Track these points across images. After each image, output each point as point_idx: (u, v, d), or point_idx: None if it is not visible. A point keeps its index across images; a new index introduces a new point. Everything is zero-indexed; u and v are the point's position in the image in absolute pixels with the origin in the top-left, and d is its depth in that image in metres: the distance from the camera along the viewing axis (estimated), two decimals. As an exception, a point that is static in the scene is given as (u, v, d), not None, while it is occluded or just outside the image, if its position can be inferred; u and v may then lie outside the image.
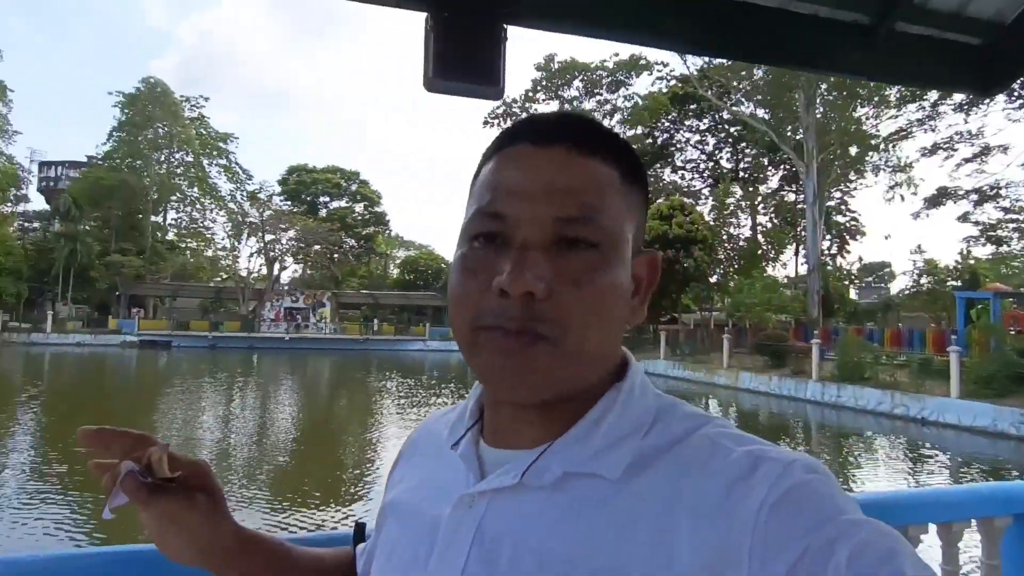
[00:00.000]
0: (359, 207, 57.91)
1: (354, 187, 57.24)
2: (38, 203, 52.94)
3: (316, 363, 33.29)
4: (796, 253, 39.33)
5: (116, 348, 37.20)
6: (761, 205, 39.26)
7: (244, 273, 49.74)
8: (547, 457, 0.49)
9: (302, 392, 22.94)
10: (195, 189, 52.59)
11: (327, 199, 56.72)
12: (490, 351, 0.48)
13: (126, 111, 49.78)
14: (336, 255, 51.41)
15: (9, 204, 50.10)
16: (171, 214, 54.26)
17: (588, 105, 42.30)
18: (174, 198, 52.76)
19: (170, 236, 53.15)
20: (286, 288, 47.27)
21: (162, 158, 51.38)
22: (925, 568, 0.38)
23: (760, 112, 34.32)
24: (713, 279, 32.97)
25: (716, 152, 44.96)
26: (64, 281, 43.29)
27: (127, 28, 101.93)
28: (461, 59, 2.06)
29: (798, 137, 31.30)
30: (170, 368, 29.13)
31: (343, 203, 57.15)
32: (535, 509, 0.48)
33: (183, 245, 53.75)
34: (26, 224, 50.43)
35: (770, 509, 0.41)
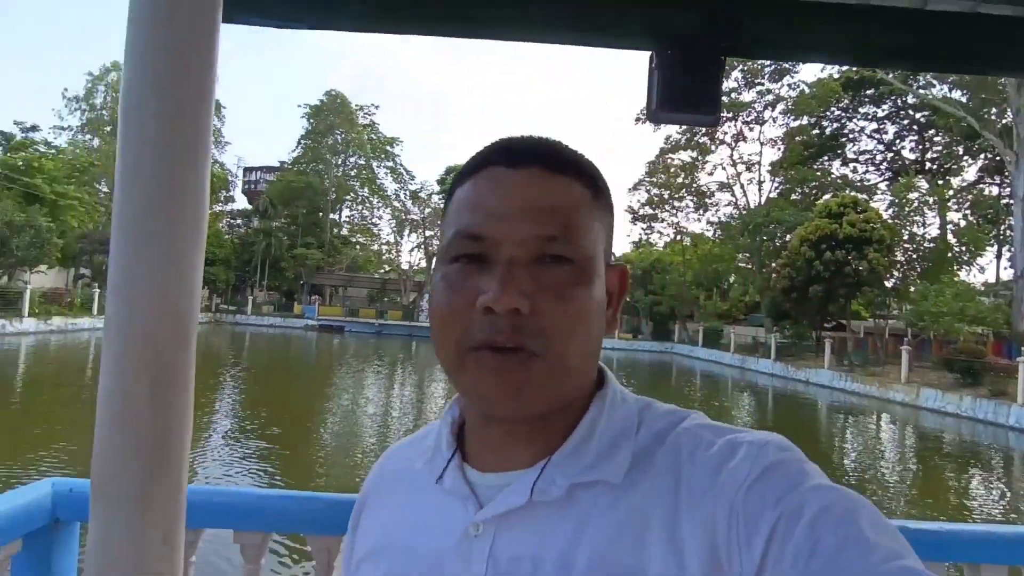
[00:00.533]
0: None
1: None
2: (241, 203, 61.56)
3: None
4: (998, 256, 34.20)
5: (300, 330, 42.39)
6: (953, 201, 34.59)
7: (406, 266, 53.99)
8: (549, 472, 0.51)
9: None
10: (365, 189, 58.01)
11: (481, 196, 59.56)
12: (481, 369, 0.49)
13: (311, 121, 56.40)
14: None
15: (219, 204, 59.09)
16: (345, 212, 60.36)
17: (747, 96, 40.07)
18: (348, 198, 58.63)
19: (344, 232, 59.13)
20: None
21: (339, 162, 57.33)
22: (884, 526, 0.42)
23: (956, 94, 30.27)
24: (890, 283, 29.73)
25: (896, 141, 40.37)
26: (261, 271, 50.21)
27: (316, 46, 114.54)
28: (684, 92, 2.38)
29: (1004, 122, 27.18)
30: (343, 349, 32.53)
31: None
32: (549, 525, 0.49)
33: (354, 240, 59.49)
34: (232, 221, 58.93)
35: (749, 486, 0.45)
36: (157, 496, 1.05)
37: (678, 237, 46.48)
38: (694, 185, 43.80)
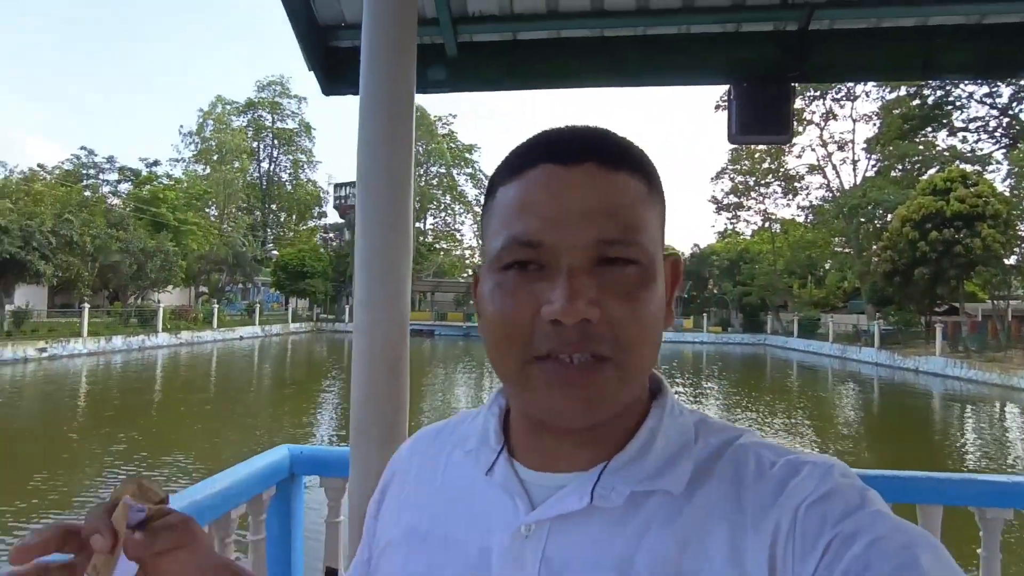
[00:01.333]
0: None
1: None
2: (332, 217, 65.21)
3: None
4: None
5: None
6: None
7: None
8: (608, 477, 0.49)
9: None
10: (447, 197, 60.00)
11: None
12: (549, 384, 0.47)
13: (394, 134, 59.06)
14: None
15: (313, 220, 63.03)
16: (429, 220, 62.57)
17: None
18: (432, 206, 60.82)
19: (429, 239, 61.36)
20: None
21: (422, 171, 59.56)
22: (947, 563, 0.40)
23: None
24: (1011, 261, 27.40)
25: (1014, 105, 36.95)
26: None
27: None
28: (758, 118, 2.79)
29: None
30: (434, 352, 34.01)
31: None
32: (607, 530, 0.48)
33: (439, 247, 61.60)
34: (325, 235, 62.62)
35: (808, 506, 0.44)
36: (390, 451, 1.43)
37: (766, 224, 44.82)
38: (781, 169, 42.11)
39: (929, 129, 38.23)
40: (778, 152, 41.26)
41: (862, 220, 35.22)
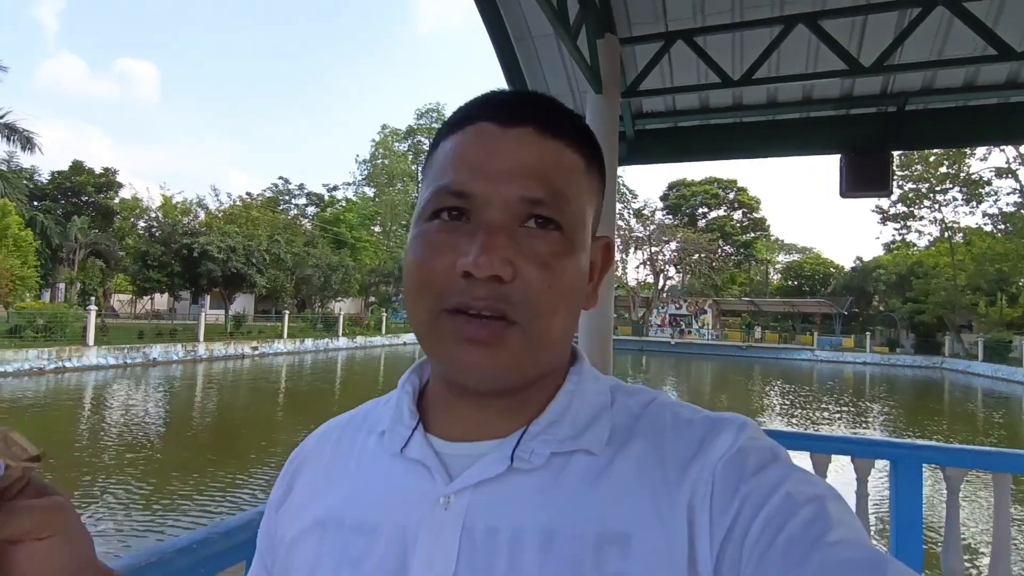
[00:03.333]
0: (737, 215, 58.48)
1: (731, 195, 58.07)
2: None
3: (699, 367, 35.23)
4: None
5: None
6: None
7: (632, 283, 55.67)
8: (528, 441, 0.49)
9: (686, 393, 25.26)
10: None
11: (705, 210, 58.90)
12: (456, 336, 0.46)
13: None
14: (715, 263, 52.98)
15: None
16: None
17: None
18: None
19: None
20: (669, 296, 51.09)
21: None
22: (845, 507, 0.44)
23: None
24: None
25: None
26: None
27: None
28: (864, 179, 3.77)
29: None
30: (619, 366, 35.19)
31: (721, 212, 58.56)
32: (528, 492, 0.48)
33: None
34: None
35: (726, 462, 0.46)
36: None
37: (945, 235, 40.57)
38: (961, 174, 38.03)
39: None
40: (958, 155, 37.37)
41: (1068, 229, 30.82)
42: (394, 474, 0.52)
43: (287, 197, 53.24)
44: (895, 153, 3.75)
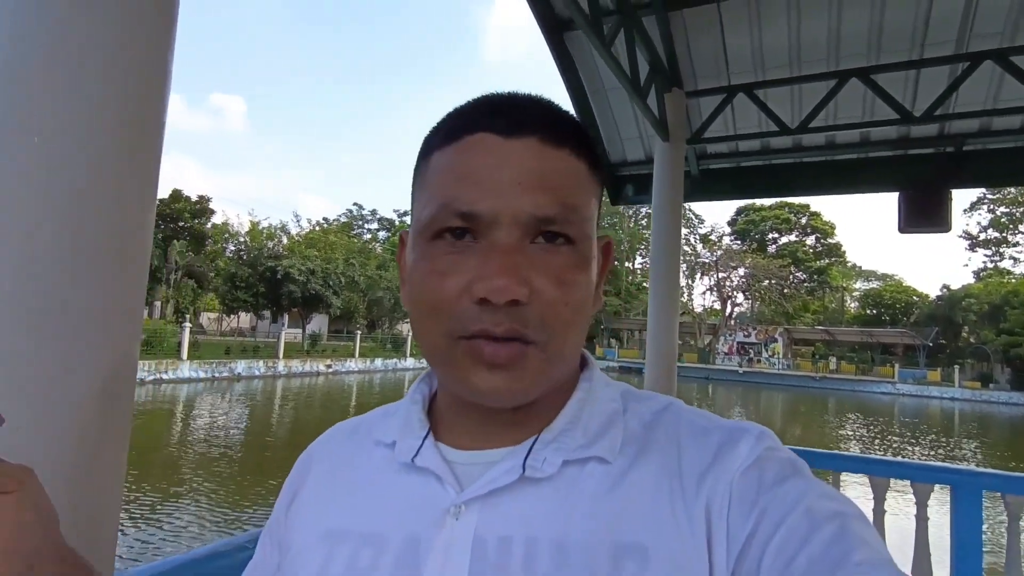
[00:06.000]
0: (810, 240, 56.52)
1: (804, 220, 56.24)
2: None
3: (768, 397, 33.95)
4: None
5: (602, 372, 46.22)
6: None
7: (698, 309, 54.62)
8: (540, 449, 0.49)
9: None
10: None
11: (776, 235, 57.30)
12: (473, 359, 0.46)
13: (604, 179, 62.38)
14: (786, 290, 51.27)
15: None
16: (638, 260, 63.98)
17: None
18: (640, 246, 62.19)
19: (638, 279, 62.70)
20: (737, 323, 49.74)
21: (630, 212, 61.52)
22: (867, 524, 0.43)
23: None
24: None
25: None
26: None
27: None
28: (922, 214, 3.96)
29: None
30: (685, 393, 34.72)
31: (793, 237, 56.78)
32: (541, 501, 0.47)
33: (646, 286, 62.48)
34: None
35: (744, 472, 0.45)
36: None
37: (1044, 262, 37.72)
38: (1063, 198, 35.40)
39: None
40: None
41: None
42: (403, 484, 0.52)
43: (360, 222, 55.90)
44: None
